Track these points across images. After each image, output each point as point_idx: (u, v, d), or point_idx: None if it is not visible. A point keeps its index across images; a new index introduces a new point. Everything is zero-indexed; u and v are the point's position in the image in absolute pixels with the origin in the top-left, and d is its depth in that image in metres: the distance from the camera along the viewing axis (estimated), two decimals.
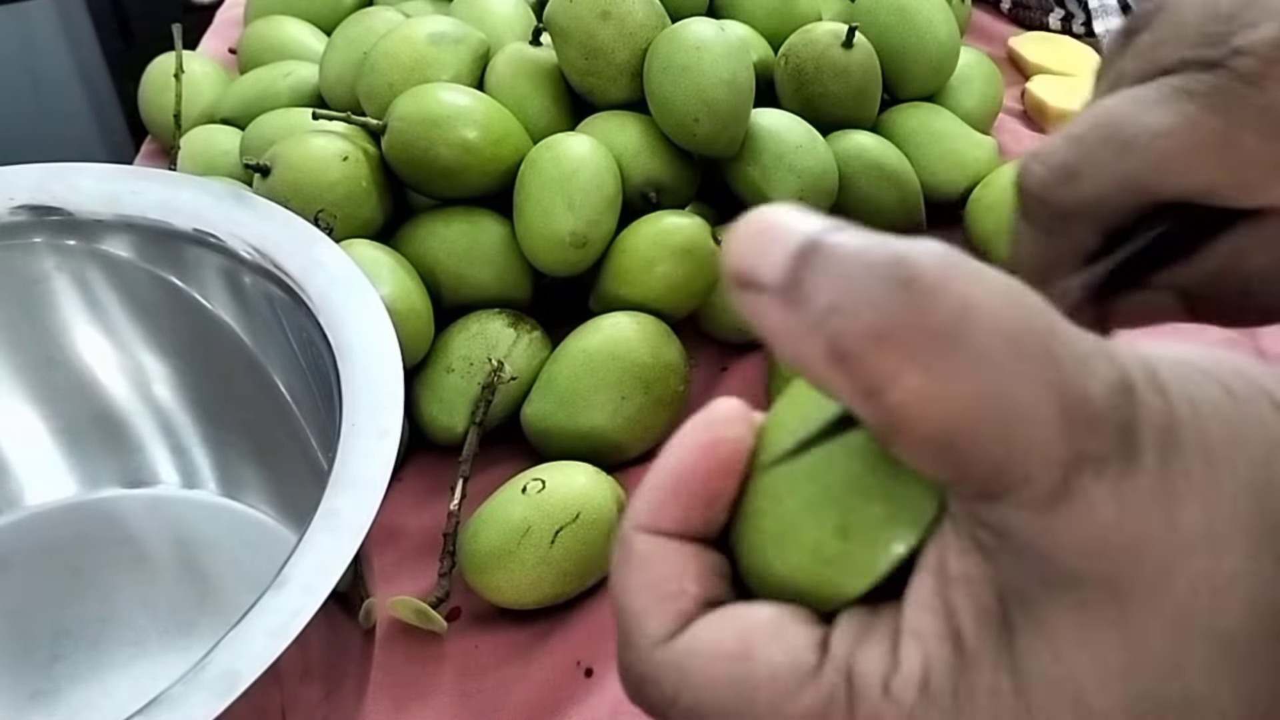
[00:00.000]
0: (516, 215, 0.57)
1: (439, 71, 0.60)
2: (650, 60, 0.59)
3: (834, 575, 0.21)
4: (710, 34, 0.58)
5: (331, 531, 0.35)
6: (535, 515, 0.48)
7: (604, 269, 0.57)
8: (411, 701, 0.47)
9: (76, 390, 0.51)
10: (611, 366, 0.53)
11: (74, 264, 0.49)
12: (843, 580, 0.21)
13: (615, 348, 0.54)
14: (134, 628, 0.48)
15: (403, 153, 0.57)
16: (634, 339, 0.54)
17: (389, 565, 0.52)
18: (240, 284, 0.46)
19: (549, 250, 0.55)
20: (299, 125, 0.61)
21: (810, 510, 0.21)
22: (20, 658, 0.48)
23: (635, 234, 0.57)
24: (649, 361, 0.54)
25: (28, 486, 0.53)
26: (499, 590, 0.48)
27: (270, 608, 0.33)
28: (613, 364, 0.53)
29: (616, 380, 0.53)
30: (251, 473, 0.52)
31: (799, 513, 0.21)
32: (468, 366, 0.54)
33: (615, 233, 0.57)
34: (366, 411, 0.38)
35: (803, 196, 0.59)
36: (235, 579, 0.50)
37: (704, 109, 0.57)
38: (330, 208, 0.56)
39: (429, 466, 0.56)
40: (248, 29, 0.75)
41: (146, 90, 0.75)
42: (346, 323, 0.42)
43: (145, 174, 0.49)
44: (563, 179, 0.55)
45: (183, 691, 0.31)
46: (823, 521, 0.21)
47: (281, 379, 0.48)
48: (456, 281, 0.57)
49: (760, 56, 0.65)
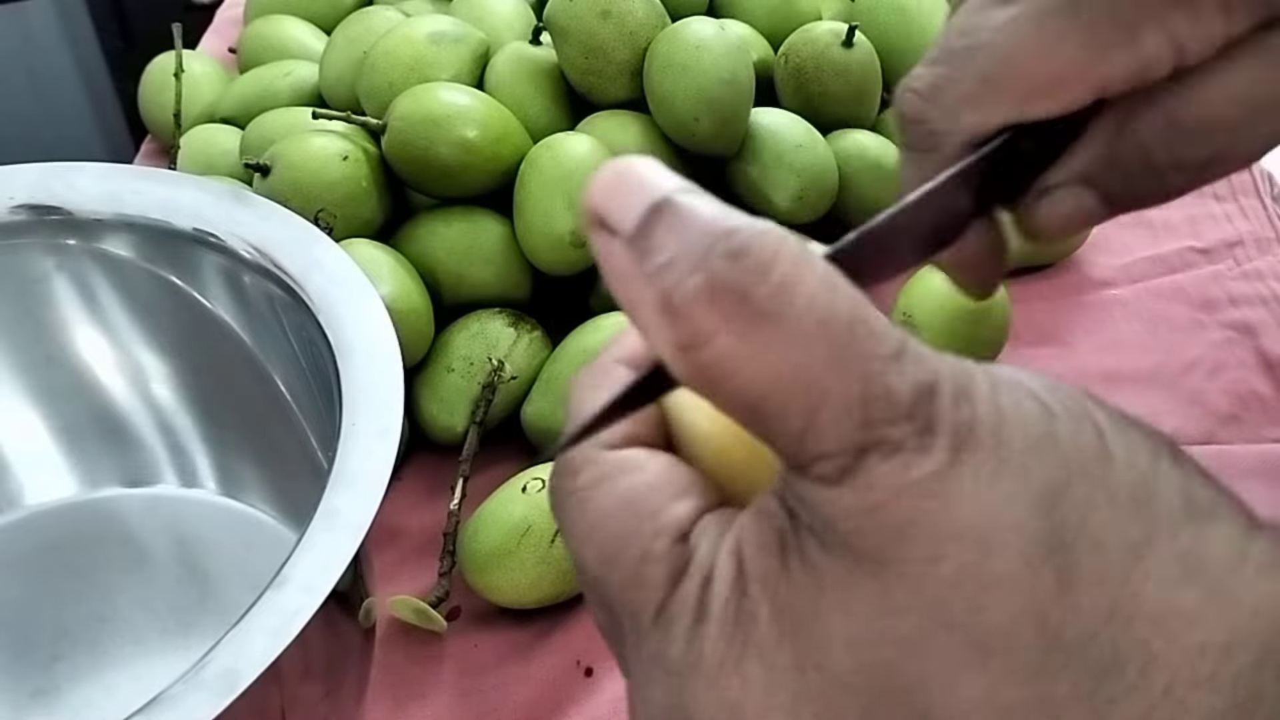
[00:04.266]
0: (516, 214, 0.57)
1: (439, 71, 0.60)
2: (650, 59, 0.59)
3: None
4: (710, 33, 0.58)
5: (331, 531, 0.35)
6: (535, 515, 0.48)
7: None
8: (411, 701, 0.47)
9: (76, 389, 0.51)
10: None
11: (74, 263, 0.49)
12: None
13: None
14: (134, 627, 0.48)
15: (403, 152, 0.57)
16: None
17: (389, 565, 0.52)
18: (240, 283, 0.46)
19: (549, 249, 0.55)
20: (299, 124, 0.61)
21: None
22: (20, 657, 0.48)
23: None
24: None
25: (27, 486, 0.52)
26: (499, 590, 0.48)
27: (270, 607, 0.33)
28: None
29: None
30: (251, 472, 0.52)
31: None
32: (468, 366, 0.54)
33: None
34: (366, 410, 0.38)
35: (803, 196, 0.59)
36: (235, 578, 0.50)
37: (704, 108, 0.57)
38: (330, 207, 0.56)
39: (429, 466, 0.56)
40: (247, 28, 0.75)
41: (146, 89, 0.75)
42: (346, 322, 0.42)
43: (145, 173, 0.49)
44: (563, 178, 0.55)
45: (182, 691, 0.31)
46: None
47: (281, 378, 0.48)
48: (456, 281, 0.57)
49: (760, 56, 0.65)
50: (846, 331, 0.19)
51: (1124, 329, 0.62)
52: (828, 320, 0.19)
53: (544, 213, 0.55)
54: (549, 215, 0.55)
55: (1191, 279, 0.64)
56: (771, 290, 0.19)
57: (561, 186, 0.55)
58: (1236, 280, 0.64)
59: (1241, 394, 0.57)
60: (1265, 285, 0.63)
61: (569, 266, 0.56)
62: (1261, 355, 0.59)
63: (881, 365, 0.19)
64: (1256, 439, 0.55)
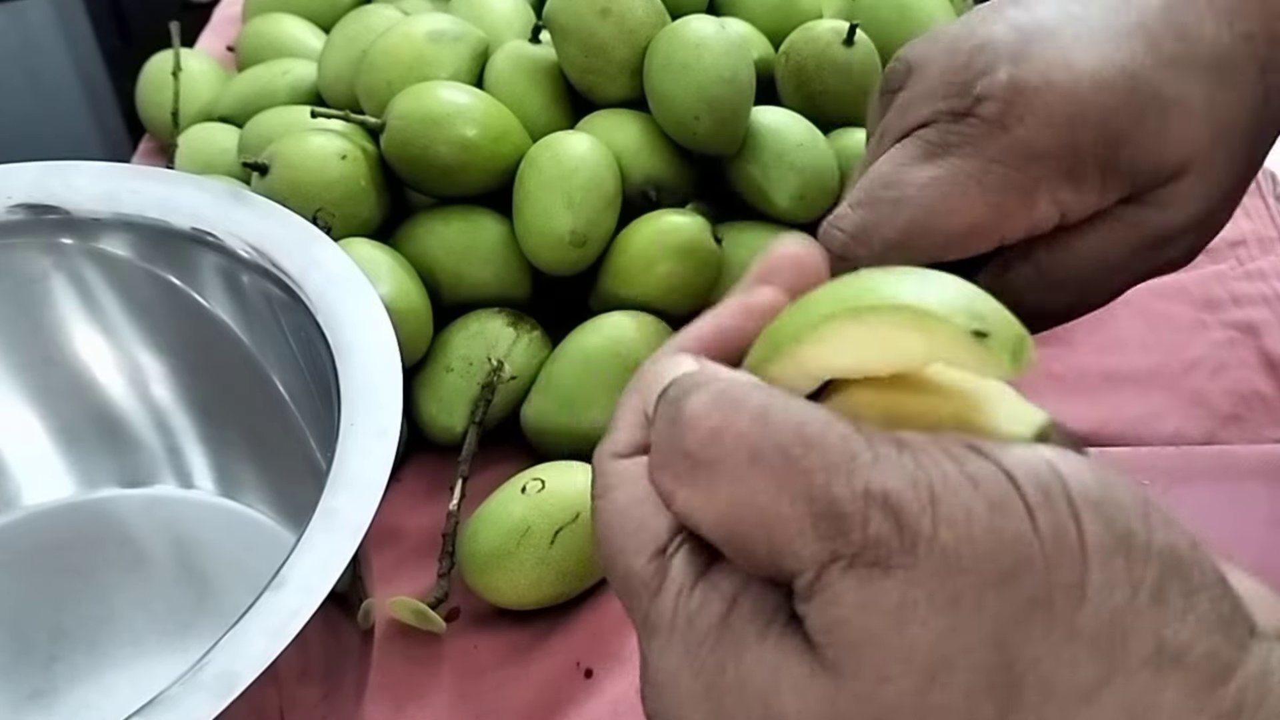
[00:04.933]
0: (516, 214, 0.57)
1: (438, 69, 0.60)
2: (650, 58, 0.58)
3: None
4: (710, 31, 0.57)
5: (330, 531, 0.35)
6: (535, 515, 0.48)
7: (604, 268, 0.57)
8: (410, 702, 0.47)
9: (74, 390, 0.51)
10: (611, 366, 0.53)
11: (71, 263, 0.49)
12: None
13: (615, 347, 0.53)
14: (132, 628, 0.48)
15: (402, 151, 0.56)
16: (634, 339, 0.54)
17: (388, 565, 0.51)
18: (238, 283, 0.46)
19: (549, 249, 0.55)
20: (297, 123, 0.61)
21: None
22: (18, 658, 0.48)
23: (635, 233, 0.57)
24: (649, 348, 0.53)
25: (25, 486, 0.52)
26: (498, 590, 0.48)
27: (268, 608, 0.33)
28: (613, 364, 0.53)
29: (617, 380, 0.53)
30: (250, 472, 0.52)
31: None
32: (467, 366, 0.54)
33: (615, 232, 0.57)
34: (365, 410, 0.38)
35: (803, 194, 0.59)
36: (233, 579, 0.50)
37: (704, 107, 0.57)
38: (329, 206, 0.56)
39: (428, 466, 0.56)
40: (246, 26, 0.75)
41: (144, 88, 0.75)
42: (345, 322, 0.42)
43: (143, 172, 0.49)
44: (562, 178, 0.55)
45: (181, 692, 0.31)
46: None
47: (280, 378, 0.48)
48: (455, 281, 0.57)
49: (761, 54, 0.64)
50: (780, 457, 0.21)
51: (1125, 328, 0.61)
52: (757, 453, 0.21)
53: (543, 212, 0.55)
54: (548, 215, 0.55)
55: (1194, 278, 0.64)
56: (700, 440, 0.22)
57: (561, 186, 0.55)
58: (1239, 280, 0.63)
59: (1244, 394, 0.57)
60: (1268, 285, 0.63)
61: (569, 266, 0.56)
62: (1264, 355, 0.59)
63: (825, 477, 0.20)
64: (1258, 439, 0.55)
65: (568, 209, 0.55)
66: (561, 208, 0.55)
